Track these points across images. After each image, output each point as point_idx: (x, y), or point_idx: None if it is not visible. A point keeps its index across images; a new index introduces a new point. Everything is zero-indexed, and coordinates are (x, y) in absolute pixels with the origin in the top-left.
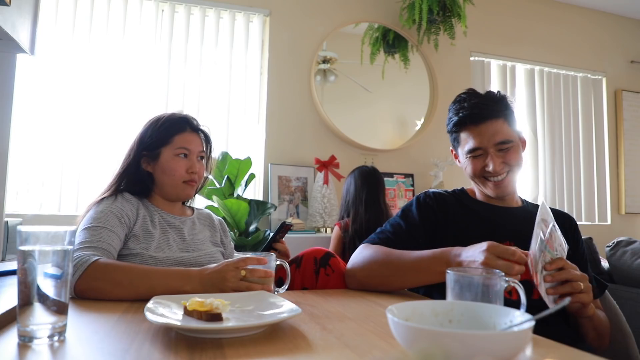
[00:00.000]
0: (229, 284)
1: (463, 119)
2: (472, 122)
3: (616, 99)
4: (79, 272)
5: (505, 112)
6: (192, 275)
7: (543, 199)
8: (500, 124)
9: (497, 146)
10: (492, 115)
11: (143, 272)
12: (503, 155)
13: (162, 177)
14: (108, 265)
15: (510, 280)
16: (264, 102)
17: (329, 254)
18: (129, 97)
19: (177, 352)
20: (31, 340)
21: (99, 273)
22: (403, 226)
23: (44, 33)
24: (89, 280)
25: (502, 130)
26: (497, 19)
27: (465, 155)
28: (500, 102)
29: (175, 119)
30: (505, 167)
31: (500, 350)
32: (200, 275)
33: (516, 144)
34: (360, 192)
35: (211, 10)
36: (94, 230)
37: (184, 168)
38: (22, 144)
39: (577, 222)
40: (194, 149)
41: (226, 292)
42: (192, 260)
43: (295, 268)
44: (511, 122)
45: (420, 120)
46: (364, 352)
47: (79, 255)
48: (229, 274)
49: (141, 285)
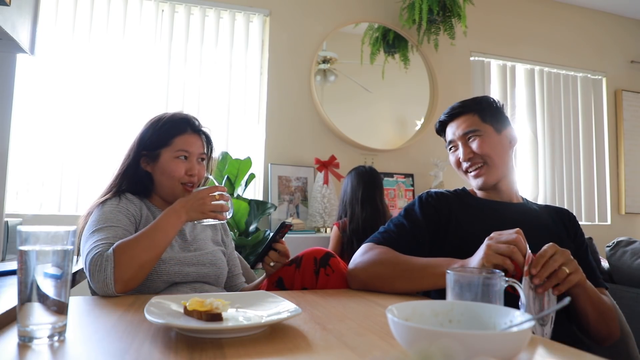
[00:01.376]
0: (207, 206)
1: (442, 118)
2: (448, 119)
3: (616, 99)
4: (109, 268)
5: (478, 107)
6: (178, 209)
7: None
8: (469, 117)
9: (464, 137)
10: (464, 112)
11: (147, 232)
12: (471, 145)
13: (161, 178)
14: (124, 244)
15: (510, 280)
16: (264, 102)
17: (329, 254)
18: (129, 97)
19: (177, 352)
20: (31, 340)
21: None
22: (406, 225)
23: (44, 33)
24: (125, 266)
25: (469, 122)
26: (497, 19)
27: (448, 151)
28: (476, 100)
29: (176, 120)
30: (477, 158)
31: (500, 350)
32: (183, 206)
33: (485, 134)
34: (356, 191)
35: (211, 10)
36: (107, 230)
37: (183, 170)
38: (22, 144)
39: (576, 218)
40: (194, 151)
41: (206, 214)
42: (194, 260)
43: (295, 268)
44: (484, 115)
45: (420, 120)
46: (364, 352)
47: (98, 252)
48: (206, 199)
49: (157, 238)
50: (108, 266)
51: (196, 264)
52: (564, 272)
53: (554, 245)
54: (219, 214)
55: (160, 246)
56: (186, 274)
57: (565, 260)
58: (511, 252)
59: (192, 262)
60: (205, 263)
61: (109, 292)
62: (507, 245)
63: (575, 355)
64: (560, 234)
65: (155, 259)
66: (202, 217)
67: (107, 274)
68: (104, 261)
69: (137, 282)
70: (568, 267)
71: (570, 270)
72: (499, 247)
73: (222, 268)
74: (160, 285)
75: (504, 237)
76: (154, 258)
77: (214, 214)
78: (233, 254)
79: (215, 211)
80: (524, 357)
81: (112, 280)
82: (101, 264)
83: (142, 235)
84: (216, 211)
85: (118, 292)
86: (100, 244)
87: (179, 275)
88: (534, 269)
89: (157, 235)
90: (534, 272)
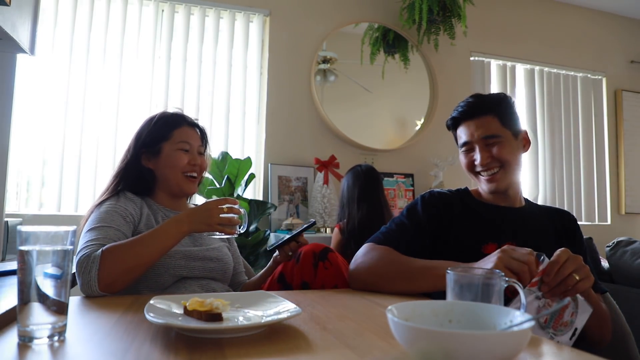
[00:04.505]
0: (214, 219)
1: (457, 115)
2: (464, 118)
3: (616, 99)
4: (94, 270)
5: (497, 108)
6: (182, 220)
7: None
8: (489, 119)
9: (484, 140)
10: (482, 112)
11: (142, 238)
12: (490, 150)
13: (165, 171)
14: (115, 247)
15: (510, 280)
16: (264, 102)
17: (327, 248)
18: (129, 97)
19: (177, 352)
20: (31, 340)
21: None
22: (408, 225)
23: (44, 33)
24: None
25: (489, 125)
26: (497, 19)
27: (460, 150)
28: (495, 99)
29: (169, 115)
30: (495, 162)
31: (500, 350)
32: (188, 217)
33: (505, 140)
34: (352, 191)
35: (211, 10)
36: (100, 230)
37: (186, 160)
38: (22, 144)
39: (576, 220)
40: (194, 143)
41: (212, 227)
42: (200, 254)
43: (294, 263)
44: (504, 119)
45: (420, 120)
46: (364, 352)
47: (86, 252)
48: (214, 211)
49: (151, 245)
50: (93, 268)
51: (202, 259)
52: (574, 280)
53: (566, 251)
54: (227, 228)
55: (153, 254)
56: (192, 267)
57: (577, 266)
58: (522, 270)
59: (199, 257)
60: (212, 258)
61: (93, 293)
62: (519, 263)
63: (575, 355)
64: (560, 237)
65: (145, 266)
66: (208, 229)
67: (91, 275)
68: (90, 262)
69: (121, 285)
70: (578, 274)
71: (581, 277)
72: (511, 262)
73: (228, 263)
74: (168, 280)
75: (517, 255)
76: (144, 265)
77: (221, 227)
78: (237, 252)
79: (223, 224)
80: (524, 357)
81: (96, 282)
82: (87, 265)
83: (136, 241)
84: (224, 224)
85: (101, 292)
86: (91, 244)
87: (185, 269)
88: (547, 277)
89: (152, 243)
90: (546, 280)
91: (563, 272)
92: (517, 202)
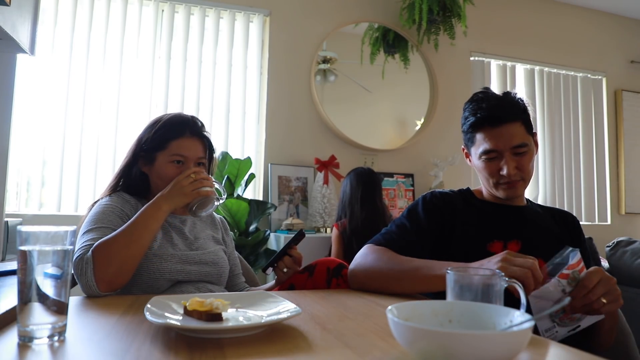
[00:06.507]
0: (187, 187)
1: (481, 120)
2: (490, 124)
3: (616, 99)
4: (89, 270)
5: (522, 115)
6: (158, 201)
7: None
8: (517, 127)
9: (514, 150)
10: (509, 118)
11: (125, 229)
12: (518, 160)
13: (156, 181)
14: (102, 244)
15: (510, 280)
16: (264, 102)
17: (342, 265)
18: (129, 97)
19: (177, 352)
20: (31, 340)
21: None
22: (409, 226)
23: (44, 33)
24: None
25: (519, 134)
26: (497, 19)
27: (479, 156)
28: (518, 104)
29: (174, 123)
30: (519, 173)
31: (500, 350)
32: (164, 196)
33: (531, 149)
34: (356, 191)
35: (211, 10)
36: (96, 231)
37: (176, 174)
38: (22, 144)
39: (578, 221)
40: (191, 155)
41: (190, 200)
42: (196, 258)
43: (308, 276)
44: (529, 128)
45: (420, 120)
46: (364, 352)
47: (79, 255)
48: (184, 181)
49: (135, 233)
50: (88, 268)
51: (198, 263)
52: (601, 303)
53: (599, 272)
54: (203, 191)
55: (141, 240)
56: (188, 272)
57: (608, 290)
58: (525, 276)
59: (195, 261)
60: (208, 262)
61: (94, 293)
62: (522, 269)
63: (575, 355)
64: (563, 238)
65: (139, 254)
66: (187, 199)
67: (88, 276)
68: (84, 264)
69: (122, 279)
70: (607, 297)
71: (609, 300)
72: (513, 270)
73: (224, 267)
74: (164, 284)
75: (519, 262)
76: (136, 253)
77: (196, 192)
78: (233, 254)
79: (197, 189)
80: (524, 357)
81: (94, 282)
82: (82, 267)
83: (120, 233)
84: (198, 189)
85: (104, 292)
86: (84, 245)
87: (182, 273)
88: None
89: (136, 230)
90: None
91: (590, 298)
92: (520, 201)
